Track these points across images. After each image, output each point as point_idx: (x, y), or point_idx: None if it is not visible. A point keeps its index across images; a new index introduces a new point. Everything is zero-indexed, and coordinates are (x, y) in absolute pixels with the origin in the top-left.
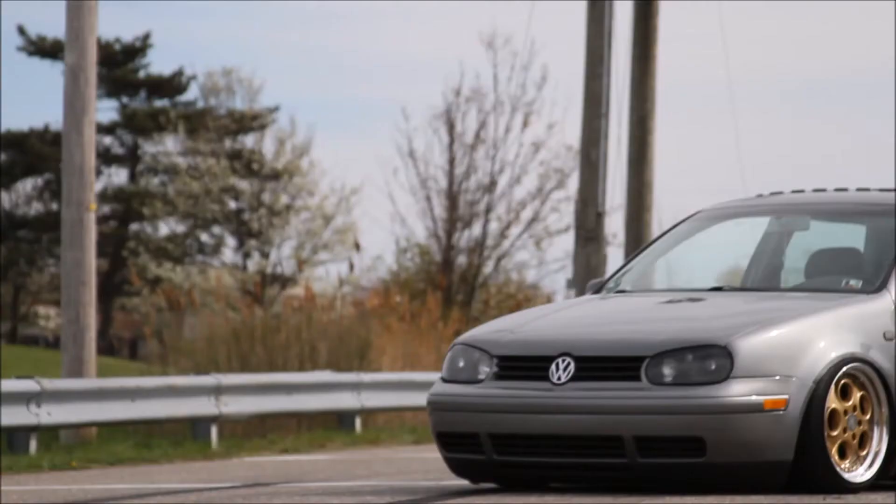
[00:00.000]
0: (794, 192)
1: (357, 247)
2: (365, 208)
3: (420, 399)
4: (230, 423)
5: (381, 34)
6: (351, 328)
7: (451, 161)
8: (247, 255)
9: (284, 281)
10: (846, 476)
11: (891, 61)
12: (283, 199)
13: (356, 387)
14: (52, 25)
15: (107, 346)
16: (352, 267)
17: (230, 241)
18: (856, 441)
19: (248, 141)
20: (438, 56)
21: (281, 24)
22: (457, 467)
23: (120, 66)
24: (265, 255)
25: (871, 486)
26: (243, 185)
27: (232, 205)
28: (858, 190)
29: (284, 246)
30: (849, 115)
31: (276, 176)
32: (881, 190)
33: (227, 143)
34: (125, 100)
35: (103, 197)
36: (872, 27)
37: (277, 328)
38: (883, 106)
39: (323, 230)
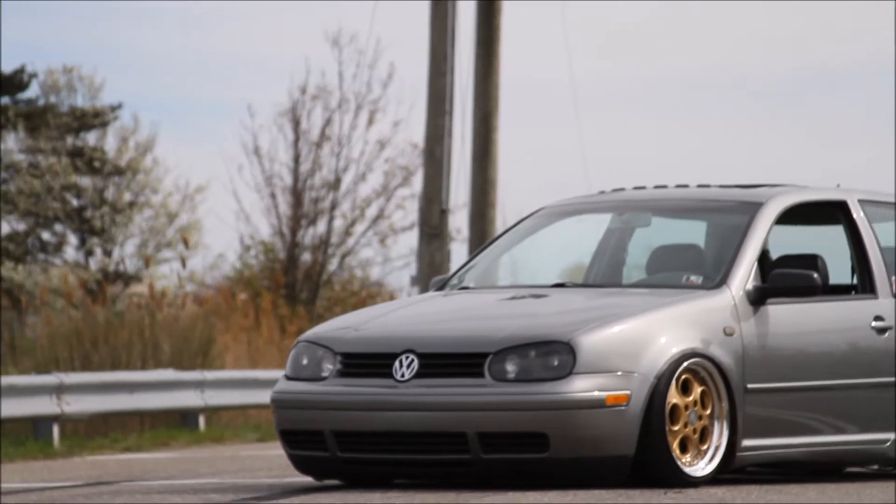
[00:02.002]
0: (635, 188)
1: (186, 243)
2: (210, 206)
3: (264, 397)
4: (72, 422)
5: (225, 31)
6: (194, 326)
7: (297, 158)
8: (89, 254)
9: (127, 279)
10: (687, 470)
11: (731, 59)
12: (126, 197)
13: (200, 385)
14: None
15: None
16: (184, 263)
17: (72, 240)
18: (696, 436)
19: (91, 138)
20: (284, 54)
21: (123, 21)
22: (301, 465)
23: None
24: (108, 254)
25: (712, 480)
26: (85, 182)
27: (74, 202)
28: (699, 186)
29: (127, 244)
30: (692, 112)
31: (118, 173)
32: (722, 186)
33: (69, 141)
34: None
35: None
36: (715, 25)
37: (120, 326)
38: (724, 104)
39: (167, 228)
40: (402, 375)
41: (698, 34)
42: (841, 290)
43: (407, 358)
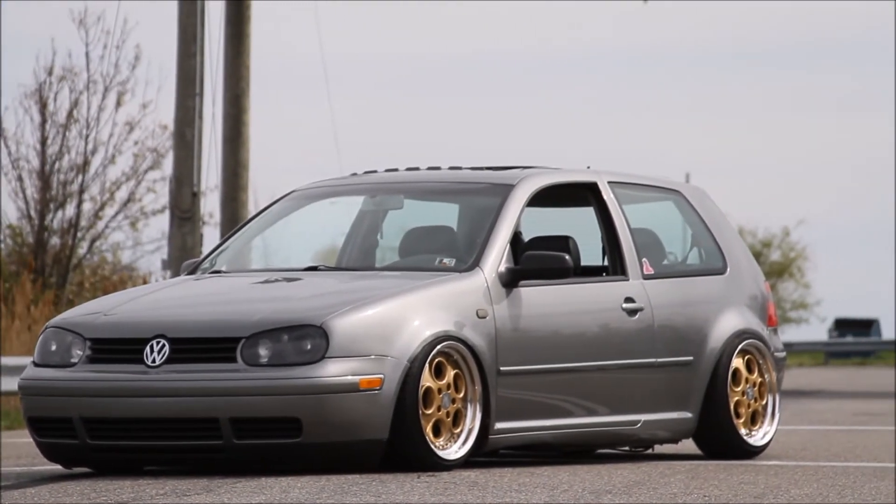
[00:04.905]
0: (387, 170)
1: None
2: None
3: (12, 384)
4: None
5: None
6: None
7: (44, 141)
8: None
9: None
10: (441, 453)
11: (488, 42)
12: None
13: None
14: None
15: None
16: None
17: None
18: (450, 419)
19: None
20: (29, 33)
21: None
22: (50, 452)
23: None
24: None
25: (465, 462)
26: None
27: None
28: (451, 168)
29: None
30: (444, 94)
31: None
32: (473, 168)
33: None
34: None
35: None
36: (473, 9)
37: None
38: (477, 85)
39: None
40: (153, 361)
41: (455, 17)
42: (593, 272)
43: (158, 343)
